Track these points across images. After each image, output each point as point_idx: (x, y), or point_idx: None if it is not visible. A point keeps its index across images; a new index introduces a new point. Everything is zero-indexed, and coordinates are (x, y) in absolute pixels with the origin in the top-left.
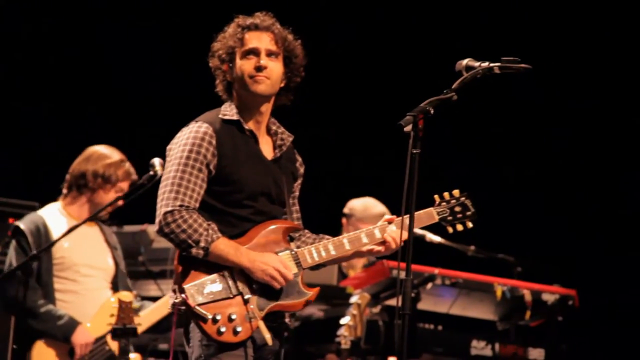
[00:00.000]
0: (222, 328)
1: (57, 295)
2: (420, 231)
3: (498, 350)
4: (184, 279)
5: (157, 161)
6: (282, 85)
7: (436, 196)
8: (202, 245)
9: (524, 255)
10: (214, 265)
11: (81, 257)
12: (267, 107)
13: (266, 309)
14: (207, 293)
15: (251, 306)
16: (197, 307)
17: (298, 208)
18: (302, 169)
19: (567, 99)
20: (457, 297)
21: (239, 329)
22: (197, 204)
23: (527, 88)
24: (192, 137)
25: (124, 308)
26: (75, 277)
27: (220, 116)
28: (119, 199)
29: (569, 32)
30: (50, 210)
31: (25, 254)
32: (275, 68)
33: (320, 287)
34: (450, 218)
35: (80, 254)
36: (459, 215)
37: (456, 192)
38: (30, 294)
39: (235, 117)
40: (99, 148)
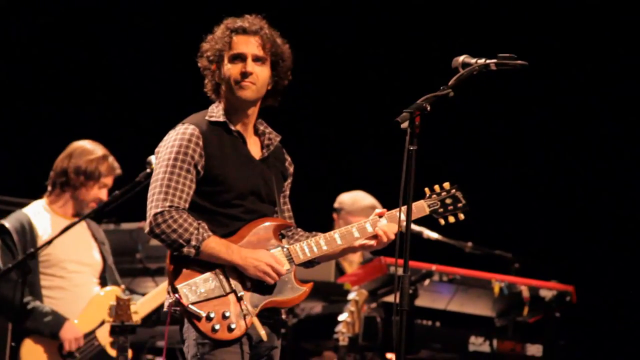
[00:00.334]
0: (217, 326)
1: (44, 292)
2: (417, 228)
3: (496, 346)
4: (177, 278)
5: (153, 158)
6: (269, 88)
7: (426, 189)
8: (193, 244)
9: (522, 251)
10: (206, 264)
11: (67, 254)
12: (253, 110)
13: (260, 305)
14: (200, 292)
15: (245, 303)
16: (190, 306)
17: (289, 207)
18: (291, 168)
19: (565, 93)
20: (454, 294)
21: (233, 326)
22: (187, 204)
23: (525, 83)
24: (179, 138)
25: (122, 305)
26: (62, 274)
27: (207, 118)
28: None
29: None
30: (35, 208)
31: (11, 253)
32: (261, 73)
33: (318, 283)
34: (441, 210)
35: (66, 251)
36: (450, 207)
37: (446, 185)
38: (16, 292)
39: (222, 118)
40: (82, 143)
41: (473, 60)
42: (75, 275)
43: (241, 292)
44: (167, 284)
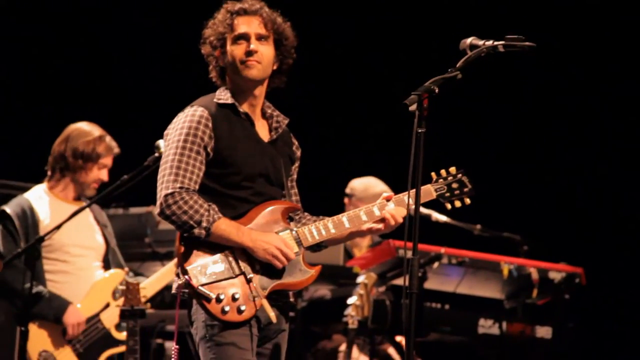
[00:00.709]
0: (227, 307)
1: (47, 277)
2: (426, 210)
3: (505, 328)
4: (187, 260)
5: (162, 142)
6: (275, 68)
7: (433, 173)
8: (204, 225)
9: (531, 233)
10: (215, 246)
11: (70, 238)
12: (260, 90)
13: (269, 287)
14: (210, 273)
15: (254, 285)
16: (200, 288)
17: (297, 191)
18: (298, 152)
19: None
20: (463, 276)
21: (243, 307)
22: (197, 186)
23: (535, 65)
24: (188, 120)
25: (131, 289)
26: (66, 258)
27: (215, 100)
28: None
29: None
30: (36, 193)
31: (13, 239)
32: (265, 52)
33: (327, 267)
34: (448, 194)
35: (69, 234)
36: (457, 192)
37: (453, 169)
38: (20, 277)
39: (229, 100)
40: (78, 125)
41: (481, 42)
42: (78, 259)
43: (250, 275)
44: (171, 265)
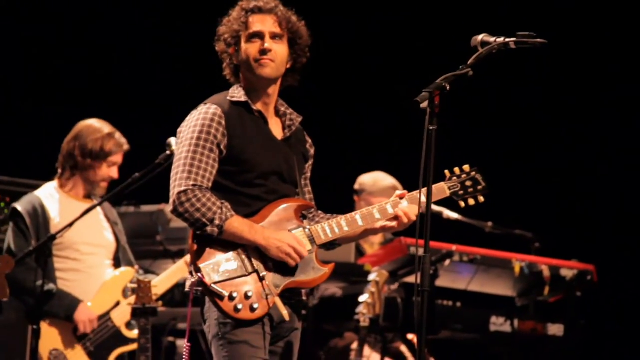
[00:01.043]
0: (239, 305)
1: (58, 275)
2: (437, 208)
3: (517, 326)
4: (199, 258)
5: (173, 140)
6: (288, 66)
7: (446, 171)
8: (216, 223)
9: (542, 230)
10: (228, 244)
11: (80, 236)
12: (274, 89)
13: (282, 285)
14: (222, 271)
15: (267, 283)
16: (213, 286)
17: (310, 189)
18: (312, 150)
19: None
20: (475, 274)
21: (256, 305)
22: (210, 184)
23: (548, 62)
24: (201, 118)
25: (143, 287)
26: (76, 256)
27: (229, 98)
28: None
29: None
30: (47, 190)
31: (24, 236)
32: (280, 50)
33: (338, 265)
34: (461, 192)
35: (79, 233)
36: (470, 190)
37: (466, 167)
38: (32, 275)
39: (243, 98)
40: (87, 123)
41: (492, 39)
42: (88, 257)
43: (263, 273)
44: (182, 263)
